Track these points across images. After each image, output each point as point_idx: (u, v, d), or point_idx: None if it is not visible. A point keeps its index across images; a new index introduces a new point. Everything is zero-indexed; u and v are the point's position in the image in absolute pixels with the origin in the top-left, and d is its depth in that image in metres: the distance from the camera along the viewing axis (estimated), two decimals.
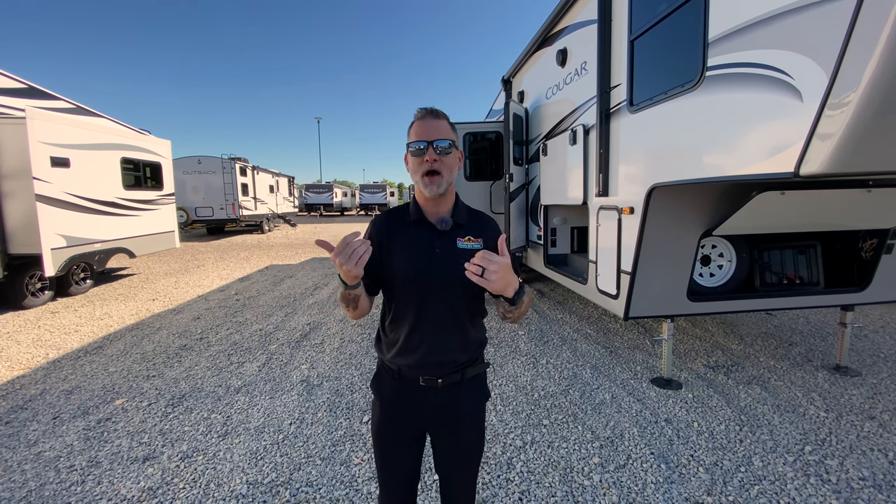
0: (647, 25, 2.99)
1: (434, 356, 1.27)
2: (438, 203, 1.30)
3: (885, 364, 3.78)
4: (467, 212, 1.37)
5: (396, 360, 1.30)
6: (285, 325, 5.19)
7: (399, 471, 1.36)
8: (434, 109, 1.27)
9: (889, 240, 3.33)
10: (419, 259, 1.26)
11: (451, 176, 1.27)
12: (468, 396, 1.35)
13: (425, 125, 1.24)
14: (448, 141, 1.23)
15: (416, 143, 1.23)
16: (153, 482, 2.34)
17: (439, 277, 1.25)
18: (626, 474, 2.37)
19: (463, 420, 1.35)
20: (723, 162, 2.38)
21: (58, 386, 3.56)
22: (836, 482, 2.27)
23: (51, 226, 5.74)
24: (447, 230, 1.29)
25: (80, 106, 7.02)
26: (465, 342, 1.32)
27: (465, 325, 1.32)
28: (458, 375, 1.31)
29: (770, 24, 2.01)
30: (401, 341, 1.28)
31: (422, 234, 1.30)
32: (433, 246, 1.27)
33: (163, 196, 8.48)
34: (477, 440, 1.41)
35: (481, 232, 1.33)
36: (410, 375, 1.30)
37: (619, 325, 4.96)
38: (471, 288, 1.24)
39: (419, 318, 1.27)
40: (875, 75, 1.55)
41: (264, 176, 19.07)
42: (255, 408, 3.16)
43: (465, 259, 1.18)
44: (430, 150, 1.21)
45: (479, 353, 1.39)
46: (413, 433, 1.35)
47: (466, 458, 1.39)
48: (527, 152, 6.02)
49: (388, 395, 1.34)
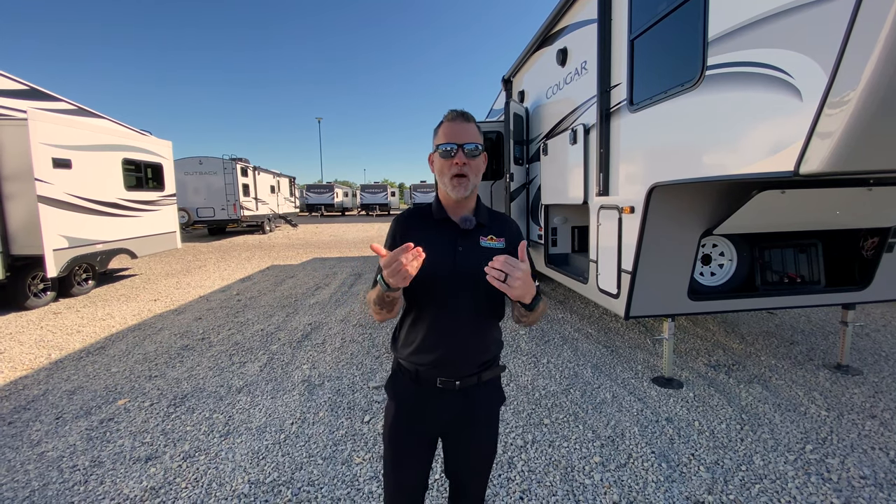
0: (647, 25, 2.99)
1: (452, 356, 1.27)
2: (462, 204, 1.31)
3: (886, 363, 3.77)
4: (488, 212, 1.38)
5: (414, 359, 1.29)
6: (287, 326, 5.20)
7: (411, 474, 1.34)
8: (464, 112, 1.27)
9: (890, 238, 3.32)
10: (443, 257, 1.26)
11: (478, 179, 1.28)
12: (484, 401, 1.35)
13: (455, 127, 1.24)
14: (476, 144, 1.24)
15: (445, 144, 1.23)
16: (155, 482, 2.35)
17: (462, 275, 1.25)
18: (626, 473, 2.37)
19: (478, 424, 1.35)
20: (723, 161, 2.38)
21: (60, 386, 3.58)
22: (837, 481, 2.27)
23: (53, 227, 5.76)
24: (470, 229, 1.30)
25: (81, 107, 7.04)
26: (483, 342, 1.32)
27: (484, 325, 1.32)
28: (475, 378, 1.30)
29: (769, 23, 2.02)
30: (419, 340, 1.28)
31: (445, 232, 1.30)
32: (456, 244, 1.28)
33: (164, 197, 8.50)
34: (491, 445, 1.40)
35: (503, 232, 1.34)
36: (428, 376, 1.29)
37: (620, 325, 4.96)
38: (491, 288, 1.24)
39: (439, 315, 1.27)
40: (874, 74, 1.55)
41: (265, 176, 19.09)
42: (257, 407, 3.17)
43: (487, 258, 1.18)
44: (459, 153, 1.22)
45: (497, 355, 1.39)
46: (428, 437, 1.35)
47: (480, 462, 1.39)
48: (527, 152, 6.03)
49: (404, 398, 1.34)
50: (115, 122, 7.68)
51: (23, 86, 6.21)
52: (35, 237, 5.61)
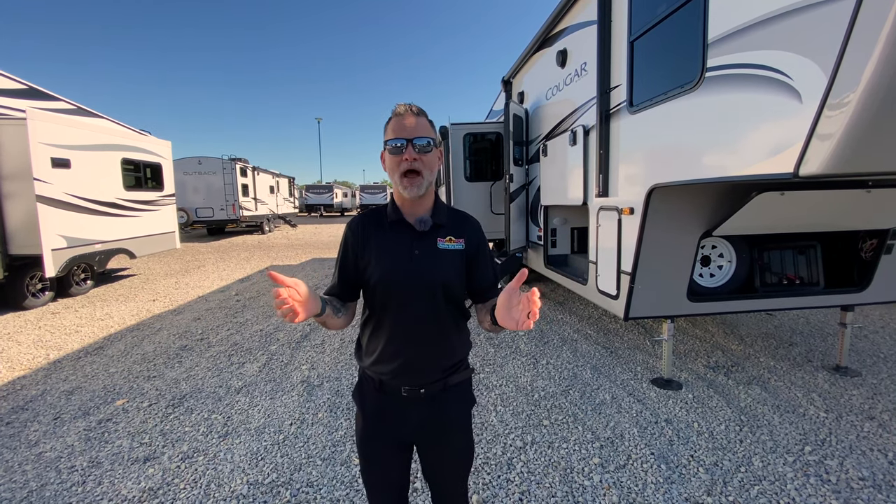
0: (647, 26, 2.99)
1: (416, 363, 1.22)
2: (417, 203, 1.24)
3: (885, 364, 3.78)
4: (448, 211, 1.32)
5: (376, 369, 1.25)
6: (286, 326, 5.19)
7: (387, 482, 1.32)
8: (413, 106, 1.20)
9: (889, 240, 3.33)
10: (398, 262, 1.21)
11: (432, 176, 1.22)
12: (453, 405, 1.30)
13: (404, 122, 1.17)
14: (427, 139, 1.18)
15: (393, 140, 1.17)
16: (154, 482, 2.34)
17: (419, 280, 1.20)
18: (626, 474, 2.37)
19: (449, 428, 1.30)
20: (722, 162, 2.38)
21: (58, 386, 3.57)
22: (836, 482, 2.27)
23: (51, 226, 5.75)
24: (427, 231, 1.24)
25: (80, 107, 7.04)
26: (448, 347, 1.27)
27: (447, 329, 1.27)
28: (441, 384, 1.25)
29: (769, 25, 2.02)
30: (380, 348, 1.23)
31: (400, 236, 1.24)
32: (412, 248, 1.22)
33: (163, 197, 8.49)
34: (465, 447, 1.37)
35: (463, 231, 1.28)
36: (392, 385, 1.24)
37: (620, 326, 4.96)
38: (451, 291, 1.23)
39: (399, 323, 1.22)
40: (874, 76, 1.55)
41: (265, 176, 19.08)
42: (256, 408, 3.16)
43: (445, 260, 1.17)
44: (408, 149, 1.15)
45: (464, 359, 1.34)
46: (399, 445, 1.31)
47: (455, 466, 1.36)
48: (527, 153, 6.03)
49: (370, 408, 1.30)
50: (114, 122, 7.67)
51: (22, 85, 6.20)
52: (33, 237, 5.60)
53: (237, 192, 15.97)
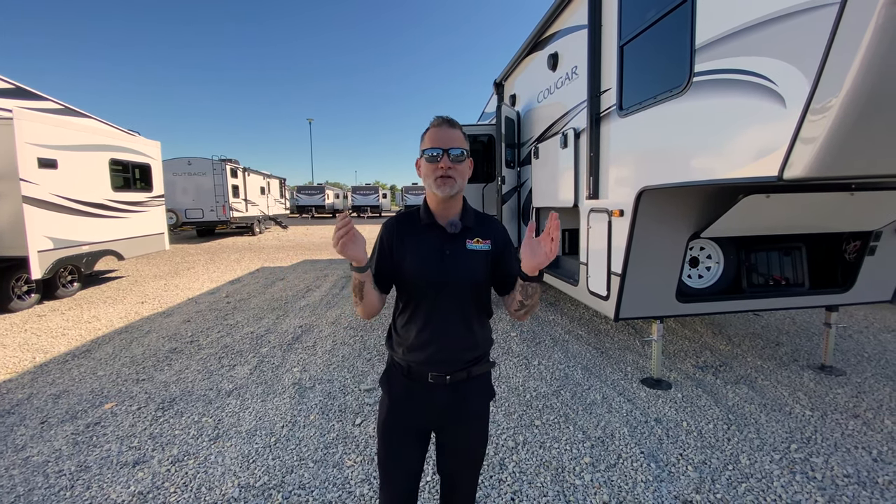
0: (636, 31, 3.04)
1: (443, 353, 1.32)
2: (448, 207, 1.35)
3: (868, 363, 3.86)
4: (475, 215, 1.42)
5: (407, 357, 1.35)
6: (277, 328, 5.17)
7: (404, 467, 1.39)
8: (450, 119, 1.32)
9: (872, 242, 3.40)
10: (430, 261, 1.32)
11: (463, 182, 1.33)
12: (475, 395, 1.40)
13: (441, 133, 1.29)
14: (461, 150, 1.29)
15: (431, 150, 1.28)
16: (144, 486, 2.32)
17: (449, 279, 1.31)
18: (616, 473, 2.40)
19: (469, 419, 1.40)
20: (709, 165, 2.42)
21: (45, 390, 3.51)
22: (822, 479, 2.32)
23: (38, 228, 5.66)
24: (457, 233, 1.35)
25: (67, 106, 6.94)
26: (472, 340, 1.37)
27: (473, 324, 1.37)
28: (465, 373, 1.35)
29: (754, 31, 2.07)
30: (411, 339, 1.33)
31: (432, 237, 1.35)
32: (443, 248, 1.33)
33: (152, 198, 8.40)
34: (482, 440, 1.45)
35: (489, 234, 1.39)
36: (420, 372, 1.34)
37: (610, 327, 5.01)
38: (479, 288, 1.35)
39: (430, 316, 1.32)
40: (856, 81, 1.60)
41: (255, 177, 18.94)
42: (247, 411, 3.14)
43: (474, 260, 1.31)
44: (444, 158, 1.27)
45: (486, 352, 1.44)
46: (419, 431, 1.39)
47: (471, 457, 1.44)
48: (518, 155, 6.07)
49: (397, 392, 1.39)
50: (102, 122, 7.57)
51: (8, 84, 6.10)
52: (19, 238, 5.51)
53: (227, 194, 15.83)
